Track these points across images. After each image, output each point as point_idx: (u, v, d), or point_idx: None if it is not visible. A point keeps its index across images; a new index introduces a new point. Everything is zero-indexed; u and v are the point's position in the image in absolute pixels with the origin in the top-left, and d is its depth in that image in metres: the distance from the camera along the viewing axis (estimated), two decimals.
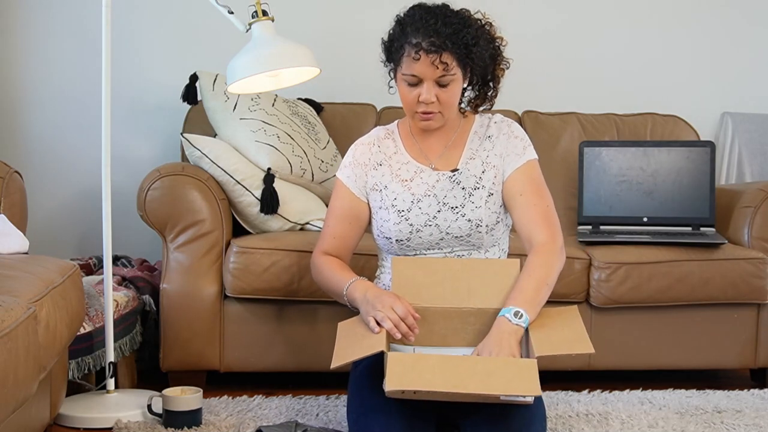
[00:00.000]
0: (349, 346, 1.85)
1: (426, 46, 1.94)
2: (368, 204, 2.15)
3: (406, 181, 2.11)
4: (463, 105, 2.17)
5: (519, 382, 1.71)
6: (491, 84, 2.12)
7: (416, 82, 2.00)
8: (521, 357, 1.87)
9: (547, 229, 2.05)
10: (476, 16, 2.05)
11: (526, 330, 1.90)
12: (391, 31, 2.05)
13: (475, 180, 2.09)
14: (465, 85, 2.07)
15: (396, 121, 2.23)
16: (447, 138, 2.15)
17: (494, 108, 2.33)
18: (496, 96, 2.16)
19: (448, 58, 1.96)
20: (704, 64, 3.62)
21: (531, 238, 2.05)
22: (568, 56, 3.53)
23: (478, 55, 2.01)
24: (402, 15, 2.04)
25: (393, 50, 2.03)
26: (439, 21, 1.96)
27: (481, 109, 2.17)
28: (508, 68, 2.13)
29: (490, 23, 2.08)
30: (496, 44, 2.09)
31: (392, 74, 2.10)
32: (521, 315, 1.88)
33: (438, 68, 1.96)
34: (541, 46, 3.50)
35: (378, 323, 1.87)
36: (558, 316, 1.95)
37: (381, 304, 1.89)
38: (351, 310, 2.04)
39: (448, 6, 2.03)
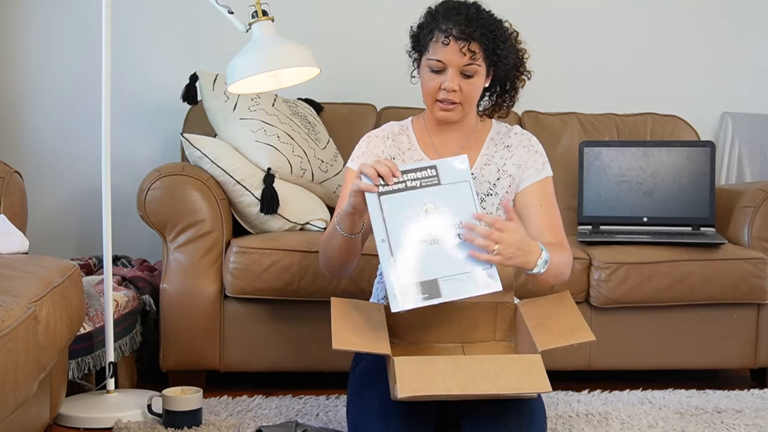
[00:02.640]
0: (350, 332, 1.83)
1: (456, 33, 1.97)
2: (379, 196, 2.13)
3: None
4: (480, 109, 2.19)
5: (529, 380, 1.72)
6: (509, 93, 2.16)
7: (441, 69, 2.00)
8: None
9: (560, 240, 2.09)
10: (505, 24, 2.09)
11: (526, 324, 1.90)
12: (421, 20, 2.08)
13: (489, 186, 2.10)
14: (486, 85, 2.08)
15: (410, 118, 2.22)
16: (462, 138, 2.15)
17: None
18: (512, 106, 2.20)
19: (476, 48, 1.98)
20: (704, 64, 3.62)
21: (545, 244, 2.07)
22: (568, 56, 3.53)
23: (503, 54, 2.03)
24: (433, 7, 2.07)
25: (421, 37, 2.05)
26: (472, 11, 2.00)
27: (496, 116, 2.20)
28: (529, 79, 2.16)
29: (517, 33, 2.12)
30: (520, 54, 2.12)
31: (416, 64, 2.11)
32: (545, 251, 1.89)
33: (465, 56, 1.97)
34: (541, 46, 3.47)
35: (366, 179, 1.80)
36: (552, 304, 1.96)
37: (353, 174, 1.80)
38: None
39: (480, 4, 2.05)
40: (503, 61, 2.05)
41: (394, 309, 1.77)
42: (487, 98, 2.18)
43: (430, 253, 1.78)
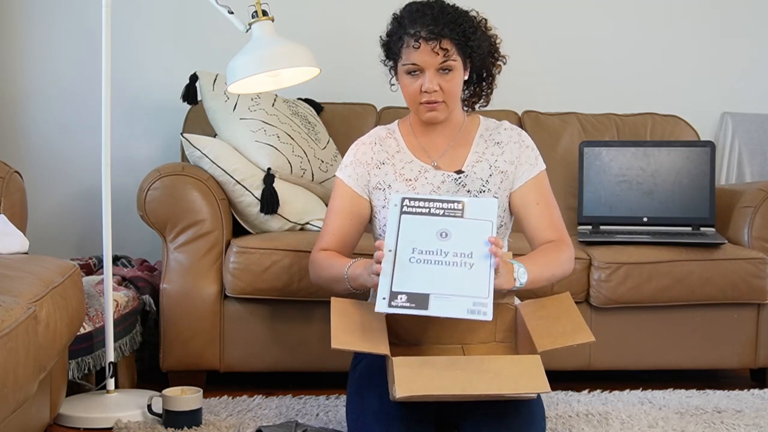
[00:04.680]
0: (349, 331, 1.83)
1: (425, 35, 1.98)
2: (370, 203, 2.15)
3: (410, 180, 2.11)
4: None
5: (527, 380, 1.72)
6: (486, 81, 2.16)
7: (417, 72, 2.01)
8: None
9: (560, 235, 2.10)
10: (471, 14, 2.08)
11: (526, 326, 1.90)
12: (389, 27, 2.09)
13: (481, 183, 2.10)
14: (466, 78, 2.08)
15: (396, 121, 2.23)
16: (450, 136, 2.15)
17: (495, 108, 2.33)
18: (491, 93, 2.19)
19: (447, 45, 1.99)
20: (704, 64, 3.62)
21: (544, 242, 2.09)
22: (568, 56, 3.53)
23: (476, 44, 2.04)
24: (398, 12, 2.08)
25: (392, 44, 2.06)
26: (436, 10, 2.01)
27: (477, 106, 2.19)
28: (504, 64, 2.16)
29: (486, 20, 2.11)
30: (492, 41, 2.12)
31: (393, 71, 2.12)
32: (519, 265, 1.90)
33: (438, 54, 1.98)
34: (542, 47, 3.50)
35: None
36: (553, 305, 1.96)
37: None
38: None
39: (443, 1, 2.06)
40: (477, 51, 2.06)
41: (377, 309, 1.76)
42: (465, 90, 2.18)
43: (431, 271, 1.79)
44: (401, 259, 1.80)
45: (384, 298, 1.76)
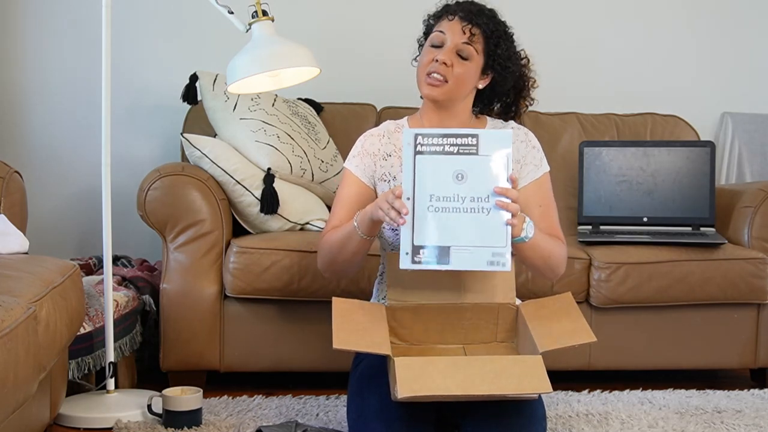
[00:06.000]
0: (351, 331, 1.83)
1: (462, 14, 2.07)
2: (376, 193, 2.15)
3: None
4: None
5: (529, 381, 1.72)
6: (512, 110, 2.21)
7: (440, 44, 2.07)
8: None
9: (557, 236, 2.10)
10: (515, 41, 2.15)
11: (527, 326, 1.90)
12: (437, 8, 2.17)
13: None
14: (480, 86, 2.10)
15: (406, 117, 2.23)
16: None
17: None
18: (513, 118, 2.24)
19: (476, 31, 2.06)
20: (704, 64, 3.62)
21: None
22: (568, 56, 3.53)
23: (504, 56, 2.09)
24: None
25: (431, 20, 2.14)
26: (483, 6, 2.11)
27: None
28: (531, 105, 2.22)
29: (528, 59, 2.19)
30: (525, 73, 2.19)
31: (421, 50, 2.17)
32: (528, 220, 1.91)
33: (465, 34, 2.05)
34: (542, 47, 3.47)
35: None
36: (554, 305, 1.96)
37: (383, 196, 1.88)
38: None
39: (496, 12, 2.13)
40: (502, 64, 2.08)
41: (402, 266, 1.79)
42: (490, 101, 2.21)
43: (451, 220, 1.80)
44: (420, 209, 1.81)
45: (407, 254, 1.79)
